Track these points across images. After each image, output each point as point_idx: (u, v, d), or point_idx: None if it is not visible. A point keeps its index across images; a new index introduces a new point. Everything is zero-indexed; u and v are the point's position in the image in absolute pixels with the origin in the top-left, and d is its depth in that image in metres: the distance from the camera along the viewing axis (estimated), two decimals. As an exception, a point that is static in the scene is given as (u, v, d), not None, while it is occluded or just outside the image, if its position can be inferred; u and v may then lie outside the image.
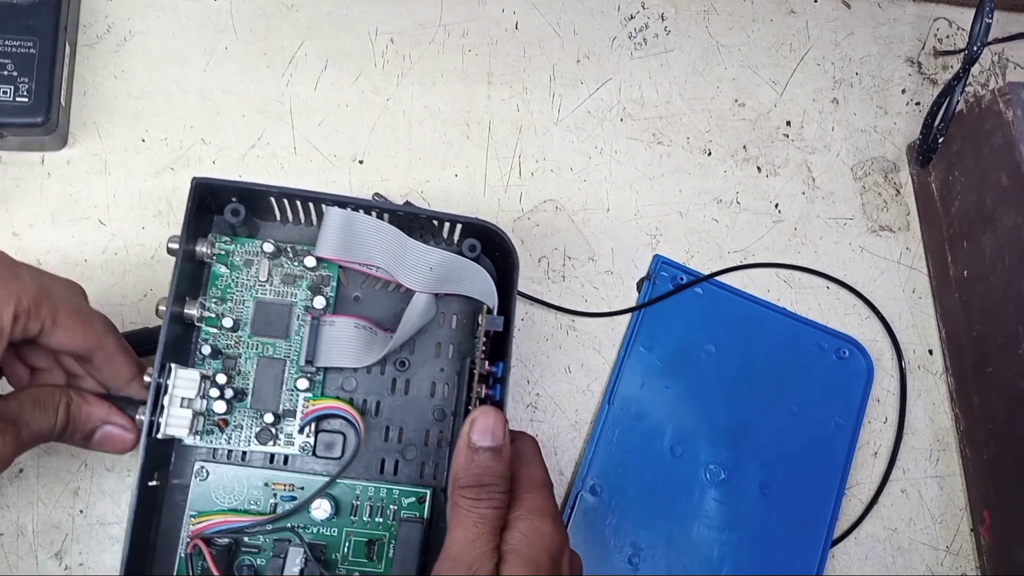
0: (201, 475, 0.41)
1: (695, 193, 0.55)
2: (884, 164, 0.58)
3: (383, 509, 0.42)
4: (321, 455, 0.42)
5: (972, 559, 0.52)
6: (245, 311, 0.42)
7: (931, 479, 0.53)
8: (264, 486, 0.41)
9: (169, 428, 0.39)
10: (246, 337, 0.42)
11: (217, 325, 0.41)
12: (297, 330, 0.42)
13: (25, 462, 0.45)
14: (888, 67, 0.60)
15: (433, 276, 0.43)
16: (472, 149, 0.53)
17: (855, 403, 0.52)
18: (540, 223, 0.53)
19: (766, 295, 0.53)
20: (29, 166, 0.49)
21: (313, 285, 0.43)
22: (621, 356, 0.51)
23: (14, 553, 0.44)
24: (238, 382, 0.42)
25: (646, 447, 0.49)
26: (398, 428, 0.43)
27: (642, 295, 0.52)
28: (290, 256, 0.43)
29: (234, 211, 0.41)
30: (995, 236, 0.50)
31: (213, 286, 0.42)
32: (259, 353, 0.42)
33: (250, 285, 0.42)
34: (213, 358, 0.41)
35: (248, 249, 0.43)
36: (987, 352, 0.51)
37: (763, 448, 0.50)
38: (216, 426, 0.41)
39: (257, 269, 0.42)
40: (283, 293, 0.43)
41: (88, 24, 0.51)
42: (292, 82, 0.52)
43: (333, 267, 0.43)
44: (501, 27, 0.56)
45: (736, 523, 0.49)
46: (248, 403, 0.41)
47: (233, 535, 0.40)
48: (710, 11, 0.58)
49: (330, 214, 0.41)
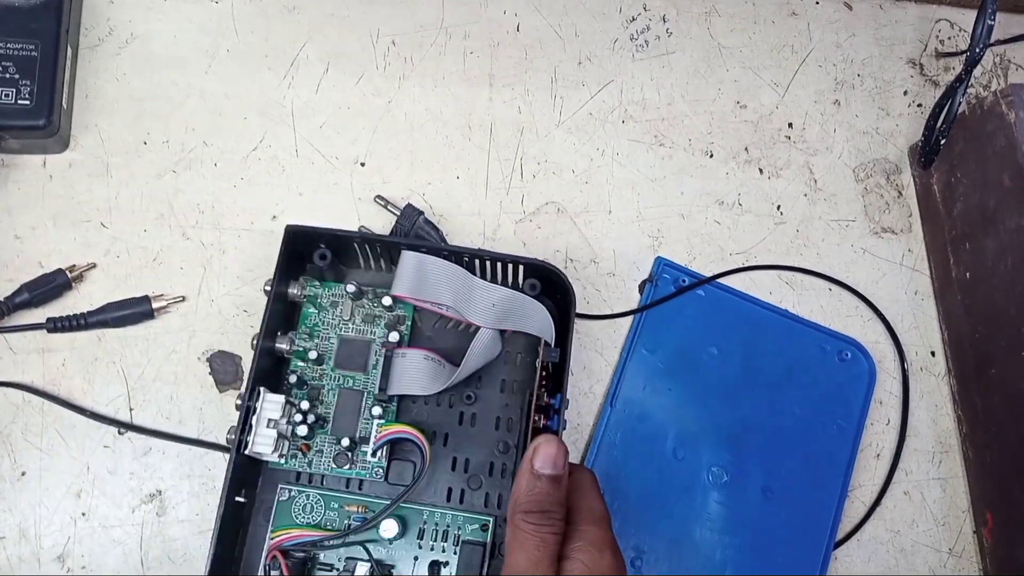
0: (284, 496, 0.44)
1: (697, 195, 0.55)
2: (886, 166, 0.58)
3: (447, 533, 0.44)
4: (393, 482, 0.46)
5: (975, 561, 0.52)
6: (330, 346, 0.46)
7: (933, 481, 0.53)
8: (339, 508, 0.44)
9: (255, 446, 0.42)
10: (329, 370, 0.46)
11: (304, 358, 0.45)
12: (375, 364, 0.46)
13: (28, 465, 0.45)
14: (890, 69, 0.60)
15: (496, 312, 0.46)
16: (474, 151, 0.53)
17: (857, 405, 0.52)
18: (542, 225, 0.53)
19: (768, 297, 0.53)
20: (31, 169, 0.49)
21: (390, 323, 0.47)
22: (623, 358, 0.51)
23: (16, 556, 0.44)
24: (320, 410, 0.45)
25: (648, 450, 0.49)
26: (464, 458, 0.46)
27: (644, 297, 0.52)
28: (370, 298, 0.47)
29: (322, 256, 0.45)
30: (997, 238, 0.50)
31: (303, 324, 0.46)
32: (340, 385, 0.46)
33: (335, 324, 0.47)
34: (299, 387, 0.45)
35: (334, 292, 0.47)
36: (989, 354, 0.51)
37: (765, 450, 0.50)
38: (299, 450, 0.44)
39: (341, 309, 0.46)
40: (363, 331, 0.47)
41: (90, 27, 0.51)
42: (294, 84, 0.52)
43: (408, 307, 0.47)
44: (503, 29, 0.56)
45: (739, 526, 0.49)
46: (328, 430, 0.45)
47: (308, 548, 0.43)
48: (711, 13, 0.58)
49: (404, 258, 0.45)
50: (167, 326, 0.48)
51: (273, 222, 0.50)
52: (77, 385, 0.46)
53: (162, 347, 0.47)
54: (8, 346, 0.46)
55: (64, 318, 0.46)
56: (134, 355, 0.47)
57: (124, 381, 0.47)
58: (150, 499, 0.45)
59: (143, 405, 0.46)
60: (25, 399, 0.45)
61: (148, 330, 0.47)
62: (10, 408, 0.45)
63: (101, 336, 0.47)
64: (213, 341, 0.48)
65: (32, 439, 0.45)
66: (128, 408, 0.46)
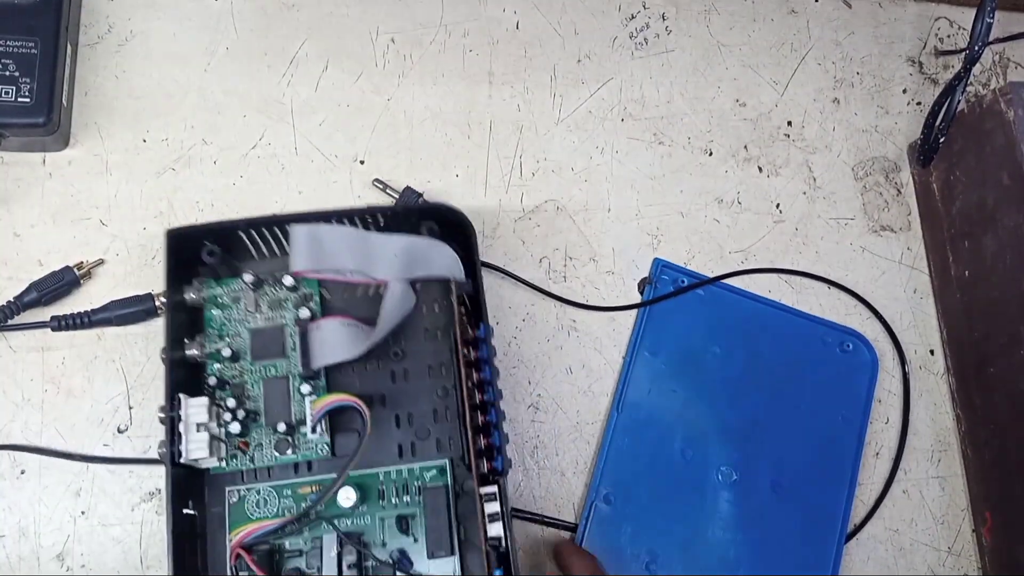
0: (233, 498, 0.43)
1: (696, 193, 0.55)
2: (885, 164, 0.58)
3: (407, 486, 0.44)
4: (341, 454, 0.44)
5: (974, 559, 0.52)
6: (242, 342, 0.45)
7: (933, 480, 0.53)
8: (293, 494, 0.43)
9: (190, 453, 0.41)
10: (248, 364, 0.44)
11: (219, 359, 0.44)
12: (292, 347, 0.45)
13: (27, 464, 0.45)
14: (889, 67, 0.60)
15: (400, 262, 0.44)
16: (473, 149, 0.53)
17: (861, 395, 0.52)
18: (541, 223, 0.53)
19: (767, 295, 0.53)
20: (30, 166, 0.49)
21: (298, 303, 0.45)
22: (627, 363, 0.51)
23: (16, 554, 0.44)
24: (249, 405, 0.44)
25: (657, 453, 0.49)
26: (407, 413, 0.45)
27: (644, 298, 0.52)
28: (271, 283, 0.45)
29: (210, 252, 0.44)
30: (996, 236, 0.50)
31: (209, 326, 0.45)
32: (263, 376, 0.44)
33: (240, 318, 0.45)
34: (221, 388, 0.44)
35: (232, 287, 0.45)
36: (988, 352, 0.51)
37: (773, 446, 0.50)
38: (238, 449, 0.43)
39: (244, 303, 0.45)
40: (273, 318, 0.45)
41: (89, 24, 0.51)
42: (293, 82, 0.52)
43: (313, 283, 0.46)
44: (502, 27, 0.56)
45: (750, 523, 0.49)
46: (262, 422, 0.44)
47: (269, 540, 0.42)
48: (711, 11, 0.58)
49: (295, 232, 0.43)
50: (166, 324, 0.48)
51: (272, 220, 0.50)
52: (76, 384, 0.46)
53: (161, 345, 0.47)
54: (8, 344, 0.46)
55: (68, 316, 0.46)
56: (134, 353, 0.47)
57: (124, 379, 0.47)
58: (149, 497, 0.45)
59: (142, 403, 0.46)
60: (25, 397, 0.45)
61: (148, 328, 0.47)
62: (10, 407, 0.45)
63: (101, 334, 0.47)
64: (212, 339, 0.48)
65: (32, 437, 0.45)
66: (127, 407, 0.46)
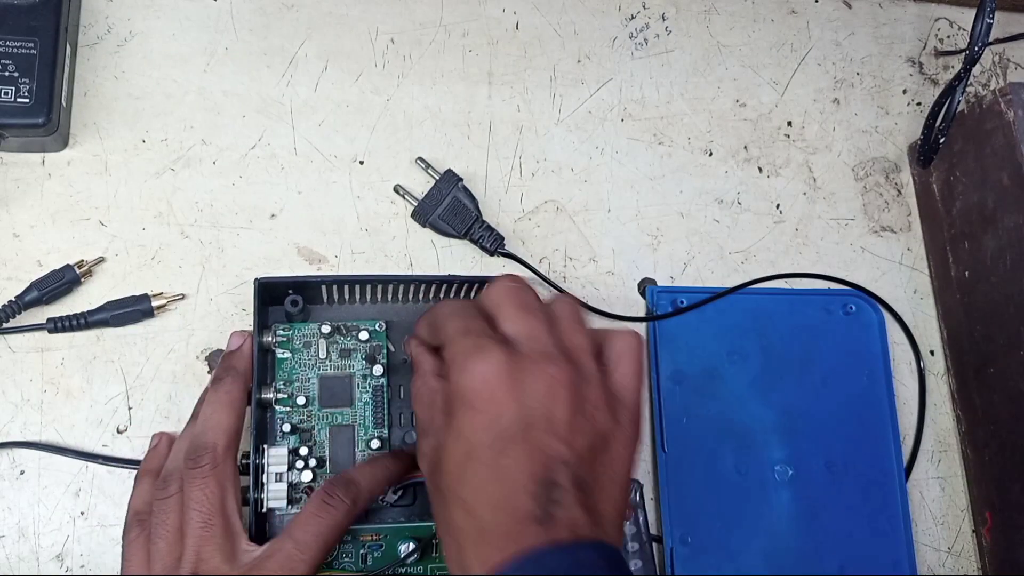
0: None
1: (696, 193, 0.55)
2: (885, 164, 0.58)
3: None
4: (397, 504, 0.45)
5: (974, 560, 0.52)
6: (312, 388, 0.46)
7: (932, 480, 0.53)
8: (353, 540, 0.44)
9: (271, 502, 0.42)
10: (316, 410, 0.46)
11: (290, 404, 0.45)
12: (359, 397, 0.46)
13: (26, 463, 0.45)
14: (889, 67, 0.60)
15: None
16: (473, 149, 0.53)
17: (877, 351, 0.52)
18: (541, 224, 0.53)
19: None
20: (30, 167, 0.48)
21: (368, 355, 0.46)
22: (655, 401, 0.50)
23: (15, 554, 0.44)
24: (316, 452, 0.45)
25: (712, 478, 0.49)
26: None
27: (646, 300, 0.52)
28: (343, 332, 0.47)
29: (293, 302, 0.45)
30: (996, 237, 0.50)
31: (280, 370, 0.46)
32: (329, 423, 0.46)
33: (311, 364, 0.46)
34: (291, 434, 0.45)
35: (305, 332, 0.46)
36: (989, 353, 0.51)
37: (814, 427, 0.50)
38: (304, 494, 0.44)
39: (316, 349, 0.46)
40: (342, 367, 0.47)
41: (88, 25, 0.51)
42: (292, 82, 0.52)
43: (381, 336, 0.47)
44: (502, 27, 0.55)
45: (818, 510, 0.49)
46: (327, 469, 0.45)
47: None
48: (711, 11, 0.58)
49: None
50: (166, 325, 0.48)
51: (272, 220, 0.50)
52: (76, 384, 0.46)
53: (161, 346, 0.47)
54: (7, 345, 0.46)
55: (65, 318, 0.46)
56: (133, 354, 0.47)
57: (123, 380, 0.47)
58: (149, 498, 0.45)
59: (141, 404, 0.46)
60: (24, 398, 0.45)
61: (147, 329, 0.47)
62: (9, 407, 0.45)
63: (100, 335, 0.47)
64: (211, 340, 0.48)
65: (31, 438, 0.45)
66: (127, 407, 0.46)
